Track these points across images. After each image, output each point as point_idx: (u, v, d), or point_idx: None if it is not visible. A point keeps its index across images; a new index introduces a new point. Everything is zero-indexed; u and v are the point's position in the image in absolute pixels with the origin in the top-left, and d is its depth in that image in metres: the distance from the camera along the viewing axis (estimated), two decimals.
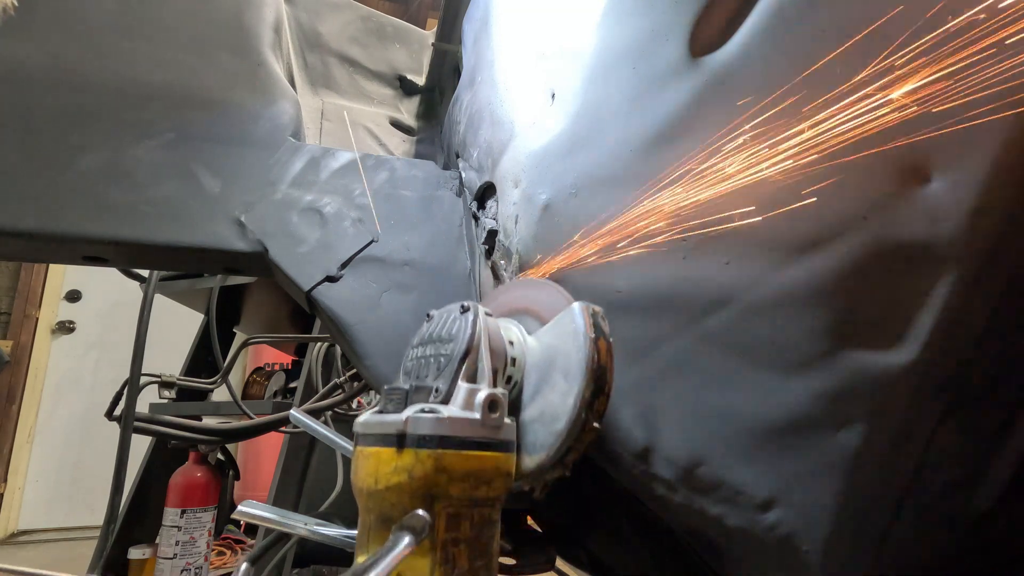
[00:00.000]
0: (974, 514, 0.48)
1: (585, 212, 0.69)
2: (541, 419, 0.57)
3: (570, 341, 0.57)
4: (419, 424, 0.50)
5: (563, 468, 0.56)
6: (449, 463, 0.49)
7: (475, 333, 0.58)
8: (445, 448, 0.49)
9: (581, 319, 0.57)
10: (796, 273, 0.48)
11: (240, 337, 2.51)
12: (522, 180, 0.83)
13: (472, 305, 0.61)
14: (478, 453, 0.51)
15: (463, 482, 0.49)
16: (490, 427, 0.52)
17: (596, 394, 0.55)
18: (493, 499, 0.52)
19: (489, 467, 0.51)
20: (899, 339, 0.43)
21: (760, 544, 0.53)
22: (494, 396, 0.54)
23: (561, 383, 0.57)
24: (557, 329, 0.60)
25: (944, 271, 0.42)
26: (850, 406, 0.46)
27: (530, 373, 0.61)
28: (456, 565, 0.47)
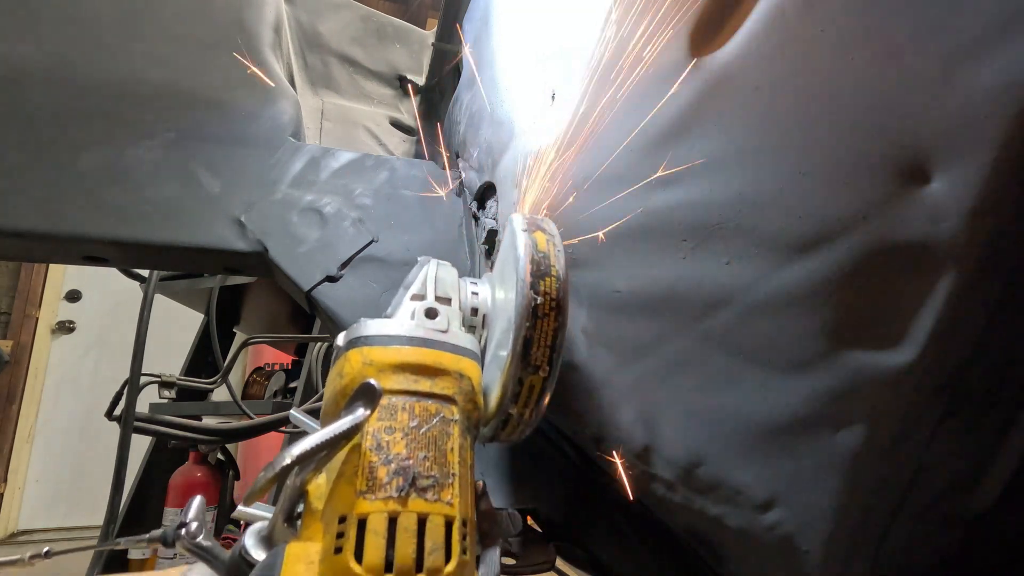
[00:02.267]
0: (974, 514, 0.48)
1: (585, 212, 0.69)
2: (504, 340, 0.55)
3: (510, 246, 0.56)
4: (351, 332, 0.51)
5: (535, 369, 0.53)
6: (377, 356, 0.48)
7: (421, 268, 0.60)
8: (372, 345, 0.49)
9: (518, 220, 0.57)
10: (796, 273, 0.48)
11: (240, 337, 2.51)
12: (522, 180, 0.83)
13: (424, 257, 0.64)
14: (411, 348, 0.50)
15: (397, 374, 0.47)
16: (428, 329, 0.52)
17: (539, 276, 0.53)
18: (442, 396, 0.49)
19: (429, 361, 0.49)
20: (899, 339, 0.43)
21: (760, 544, 0.53)
22: (431, 305, 0.54)
23: (509, 284, 0.56)
24: (502, 248, 0.61)
25: (944, 271, 0.41)
26: (850, 406, 0.46)
27: (497, 311, 0.61)
28: (390, 452, 0.44)
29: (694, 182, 0.56)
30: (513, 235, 0.57)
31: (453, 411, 0.49)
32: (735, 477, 0.53)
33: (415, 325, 0.52)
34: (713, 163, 0.55)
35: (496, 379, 0.55)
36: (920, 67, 0.42)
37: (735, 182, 0.53)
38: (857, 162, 0.45)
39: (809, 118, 0.48)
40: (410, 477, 0.43)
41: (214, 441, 1.71)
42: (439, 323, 0.53)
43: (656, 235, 0.60)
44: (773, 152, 0.50)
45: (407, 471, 0.43)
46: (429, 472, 0.44)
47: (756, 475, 0.52)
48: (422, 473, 0.44)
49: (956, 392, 0.44)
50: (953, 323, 0.42)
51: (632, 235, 0.63)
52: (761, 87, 0.51)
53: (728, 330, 0.53)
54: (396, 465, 0.43)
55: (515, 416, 0.55)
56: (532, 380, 0.54)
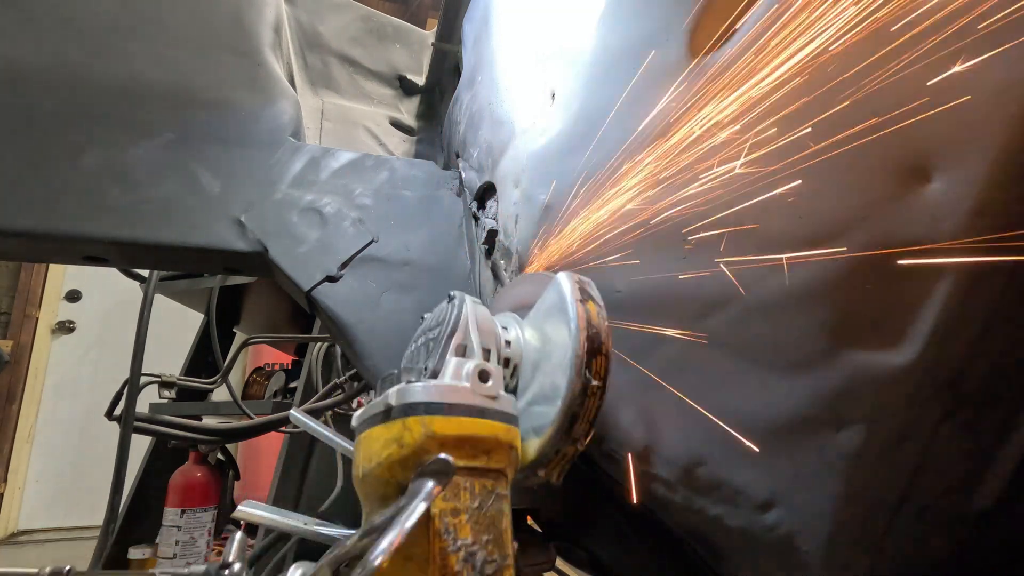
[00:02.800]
0: (974, 514, 0.48)
1: (585, 212, 0.69)
2: (542, 397, 0.55)
3: (557, 311, 0.55)
4: (405, 394, 0.48)
5: (574, 442, 0.53)
6: (439, 428, 0.46)
7: (461, 312, 0.57)
8: (433, 414, 0.47)
9: (567, 287, 0.55)
10: (796, 273, 0.48)
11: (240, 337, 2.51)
12: (522, 180, 0.83)
13: (458, 293, 0.60)
14: (470, 419, 0.48)
15: (457, 449, 0.46)
16: (483, 396, 0.50)
17: (592, 354, 0.52)
18: (496, 471, 0.49)
19: (486, 435, 0.48)
20: (899, 339, 0.43)
21: (760, 544, 0.53)
22: (484, 366, 0.51)
23: (556, 354, 0.55)
24: (545, 305, 0.58)
25: (944, 271, 0.41)
26: (850, 406, 0.46)
27: (528, 357, 0.60)
28: (457, 536, 0.44)
29: (694, 181, 0.57)
30: (563, 302, 0.55)
31: (505, 485, 0.50)
32: (735, 477, 0.53)
33: (471, 391, 0.50)
34: (713, 163, 0.55)
35: (530, 439, 0.55)
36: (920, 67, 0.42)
37: (735, 182, 0.53)
38: (857, 162, 0.45)
39: (809, 118, 0.48)
40: (478, 565, 0.44)
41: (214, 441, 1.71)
42: (491, 388, 0.51)
43: (656, 234, 0.60)
44: (773, 152, 0.50)
45: (474, 557, 0.44)
46: (492, 556, 0.45)
47: (756, 475, 0.52)
48: (487, 558, 0.45)
49: (956, 392, 0.44)
50: (953, 323, 0.42)
51: (631, 235, 0.63)
52: (761, 87, 0.51)
53: (728, 330, 0.53)
54: (464, 552, 0.44)
55: (542, 476, 0.56)
56: (567, 450, 0.54)
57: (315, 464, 1.96)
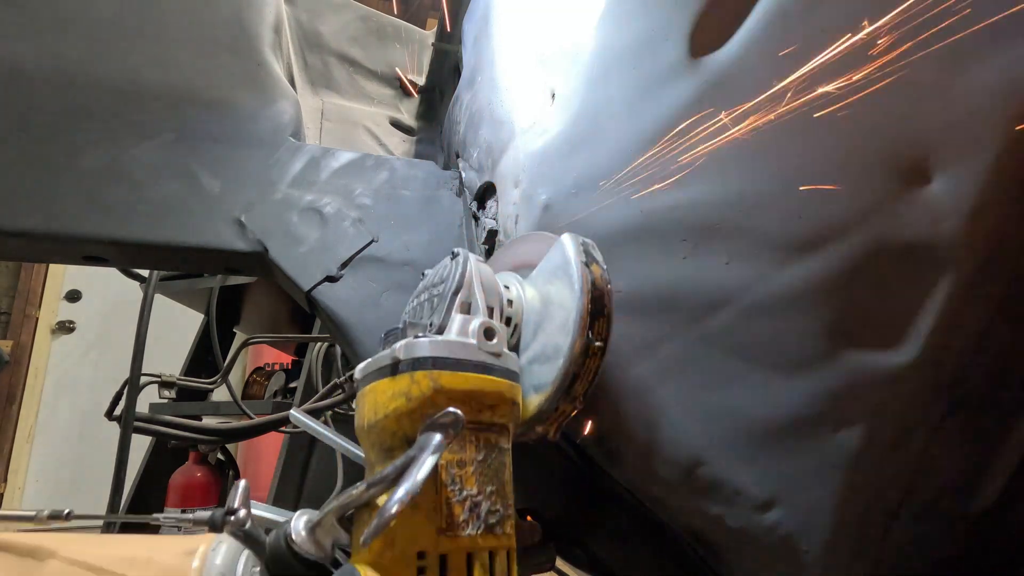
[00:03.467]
0: (974, 514, 0.48)
1: (585, 212, 0.69)
2: (543, 355, 0.56)
3: (561, 272, 0.56)
4: (413, 348, 0.48)
5: (573, 400, 0.54)
6: (447, 382, 0.47)
7: (466, 270, 0.57)
8: (441, 369, 0.47)
9: (571, 247, 0.55)
10: (796, 273, 0.48)
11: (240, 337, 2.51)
12: (522, 180, 0.83)
13: (461, 250, 0.60)
14: (477, 375, 0.49)
15: (464, 404, 0.46)
16: (488, 352, 0.50)
17: (595, 315, 0.53)
18: (499, 426, 0.49)
19: (490, 391, 0.49)
20: (899, 339, 0.43)
21: (760, 544, 0.53)
22: (489, 323, 0.52)
23: (559, 315, 0.55)
24: (548, 265, 0.59)
25: (944, 271, 0.42)
26: (850, 406, 0.46)
27: (529, 316, 0.60)
28: (463, 487, 0.45)
29: (694, 182, 0.56)
30: (566, 263, 0.56)
31: (507, 439, 0.51)
32: (735, 477, 0.53)
33: (476, 347, 0.50)
34: (713, 163, 0.55)
35: (530, 396, 0.56)
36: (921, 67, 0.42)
37: (735, 182, 0.53)
38: (857, 162, 0.45)
39: (809, 118, 0.48)
40: (482, 514, 0.45)
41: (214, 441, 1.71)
42: (496, 345, 0.51)
43: (656, 235, 0.60)
44: (773, 152, 0.50)
45: (479, 508, 0.45)
46: (495, 507, 0.46)
47: (756, 475, 0.52)
48: (490, 509, 0.46)
49: (956, 392, 0.44)
50: (953, 323, 0.42)
51: (632, 235, 0.63)
52: (761, 87, 0.51)
53: (728, 330, 0.53)
54: (470, 502, 0.45)
55: (539, 432, 0.57)
56: (566, 408, 0.55)
57: (315, 464, 1.96)
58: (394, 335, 0.53)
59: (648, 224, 0.61)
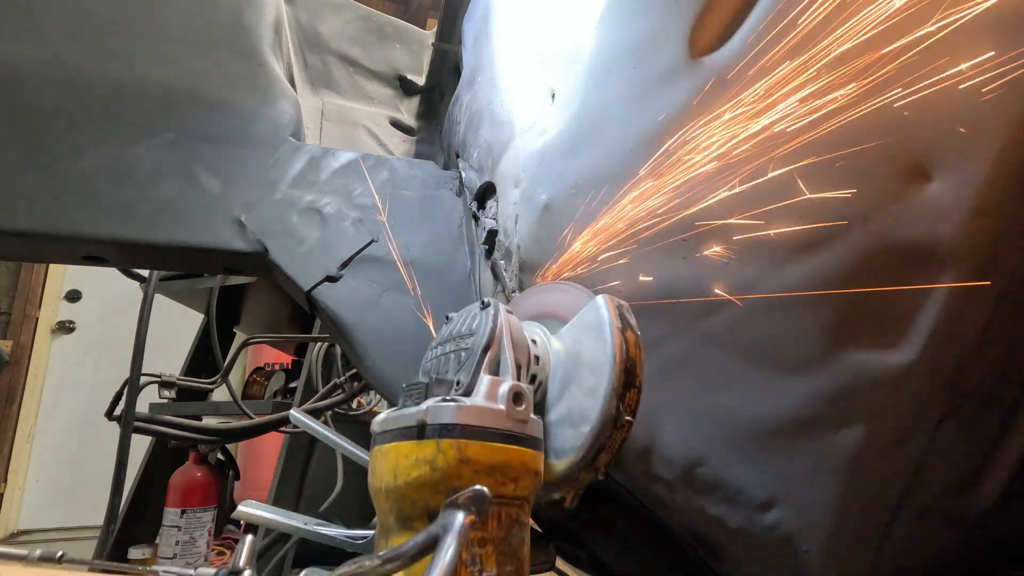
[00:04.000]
0: (974, 514, 0.48)
1: (585, 212, 0.69)
2: (569, 419, 0.54)
3: (594, 335, 0.54)
4: (441, 413, 0.46)
5: (595, 471, 0.53)
6: (473, 453, 0.45)
7: (496, 326, 0.55)
8: (468, 438, 0.46)
9: (606, 311, 0.53)
10: (796, 273, 0.48)
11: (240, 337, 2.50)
12: (522, 180, 0.83)
13: (492, 301, 0.58)
14: (504, 446, 0.47)
15: (489, 476, 0.45)
16: (516, 420, 0.49)
17: (627, 387, 0.51)
18: (521, 498, 0.48)
19: (516, 462, 0.47)
20: (899, 339, 0.43)
21: (760, 544, 0.53)
22: (519, 388, 0.50)
23: (588, 379, 0.53)
24: (581, 324, 0.56)
25: (944, 271, 0.41)
26: (850, 406, 0.46)
27: (555, 373, 0.58)
28: (483, 568, 0.43)
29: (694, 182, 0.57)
30: (601, 327, 0.54)
31: (527, 513, 0.49)
32: (735, 477, 0.53)
33: (505, 414, 0.48)
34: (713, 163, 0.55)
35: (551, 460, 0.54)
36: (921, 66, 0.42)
37: (735, 182, 0.53)
38: (857, 162, 0.45)
39: (809, 118, 0.48)
40: None
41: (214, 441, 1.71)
42: (524, 412, 0.50)
43: (656, 235, 0.60)
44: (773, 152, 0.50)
45: None
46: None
47: (756, 475, 0.52)
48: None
49: (956, 392, 0.44)
50: (953, 323, 0.42)
51: (632, 235, 0.63)
52: (761, 87, 0.51)
53: (728, 330, 0.53)
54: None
55: (555, 497, 0.56)
56: (587, 477, 0.53)
57: (315, 464, 1.96)
58: (417, 390, 0.51)
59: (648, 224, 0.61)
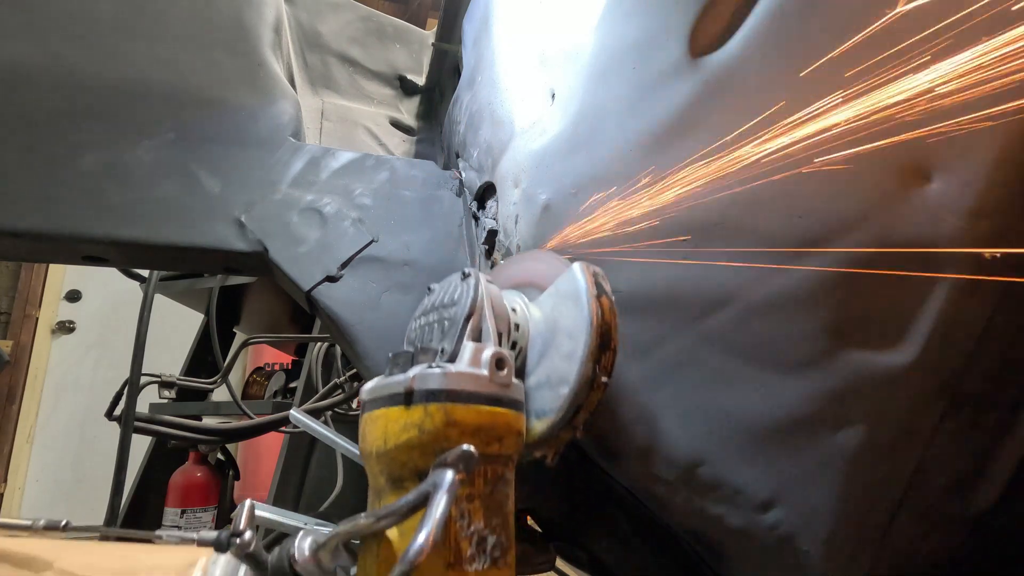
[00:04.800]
0: (974, 514, 0.48)
1: (585, 212, 0.69)
2: (548, 383, 0.57)
3: (571, 301, 0.56)
4: (427, 379, 0.49)
5: (574, 430, 0.55)
6: (460, 416, 0.48)
7: (477, 295, 0.57)
8: (454, 402, 0.48)
9: (582, 278, 0.56)
10: (796, 273, 0.48)
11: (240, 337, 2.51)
12: (522, 180, 0.83)
13: (472, 271, 0.60)
14: (488, 408, 0.49)
15: (474, 437, 0.48)
16: (499, 384, 0.51)
17: (602, 349, 0.54)
18: (505, 457, 0.51)
19: (500, 423, 0.50)
20: (899, 339, 0.43)
21: (760, 544, 0.53)
22: (500, 353, 0.52)
23: (565, 343, 0.56)
24: (558, 292, 0.59)
25: (944, 271, 0.41)
26: (850, 406, 0.46)
27: (534, 340, 0.61)
28: (471, 521, 0.46)
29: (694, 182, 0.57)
30: (577, 294, 0.56)
31: (511, 470, 0.51)
32: (735, 477, 0.54)
33: (488, 378, 0.51)
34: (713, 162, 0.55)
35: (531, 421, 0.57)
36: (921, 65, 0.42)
37: (736, 183, 0.53)
38: (857, 162, 0.45)
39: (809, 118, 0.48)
40: (488, 548, 0.46)
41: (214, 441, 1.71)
42: (506, 376, 0.52)
43: (656, 235, 0.60)
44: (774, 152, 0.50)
45: (485, 542, 0.46)
46: (499, 539, 0.47)
47: (756, 475, 0.52)
48: (496, 543, 0.47)
49: (956, 392, 0.44)
50: (953, 323, 0.42)
51: (632, 235, 0.63)
52: (761, 87, 0.51)
53: (728, 330, 0.53)
54: (477, 536, 0.46)
55: (537, 456, 0.58)
56: (566, 435, 0.56)
57: (315, 464, 1.96)
58: (403, 358, 0.53)
59: (648, 223, 0.61)
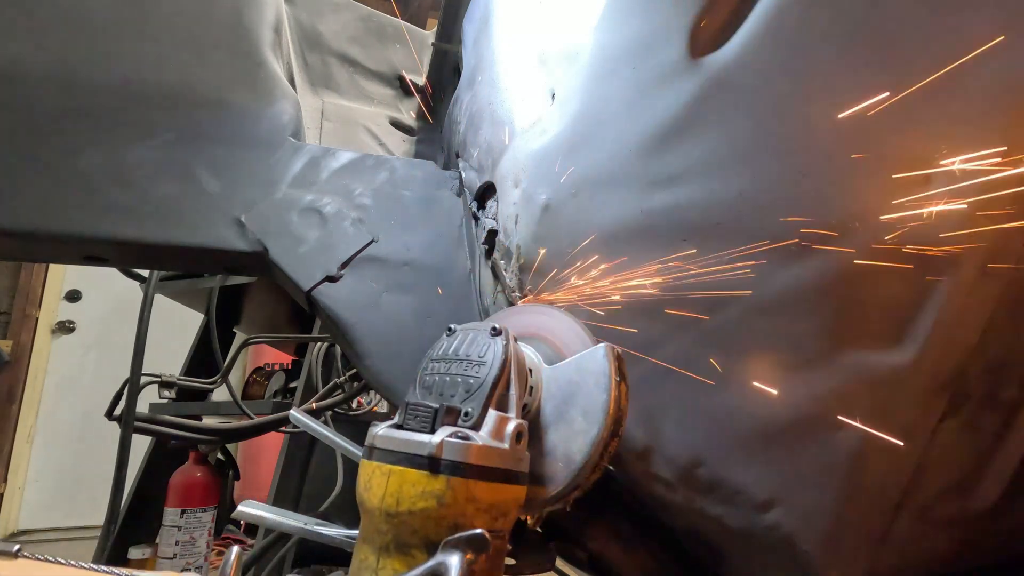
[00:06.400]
0: (974, 514, 0.48)
1: (585, 212, 0.69)
2: (554, 454, 0.57)
3: (592, 382, 0.57)
4: (455, 450, 0.49)
5: (565, 503, 0.57)
6: (480, 494, 0.49)
7: (507, 359, 0.57)
8: (478, 479, 0.49)
9: (606, 362, 0.56)
10: (796, 273, 0.48)
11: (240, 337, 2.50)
12: (522, 180, 0.83)
13: (504, 329, 0.59)
14: (505, 485, 0.50)
15: (487, 513, 0.49)
16: (515, 459, 0.52)
17: (612, 436, 0.55)
18: (505, 532, 0.52)
19: (509, 499, 0.51)
20: (899, 339, 0.43)
21: (760, 544, 0.53)
22: (522, 427, 0.53)
23: (579, 422, 0.56)
24: (580, 366, 0.59)
25: (944, 271, 0.42)
26: (850, 406, 0.46)
27: (546, 404, 0.61)
28: None
29: (694, 182, 0.56)
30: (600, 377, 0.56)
31: (505, 542, 0.53)
32: (735, 477, 0.54)
33: (509, 453, 0.51)
34: (713, 163, 0.55)
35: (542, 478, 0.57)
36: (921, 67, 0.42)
37: (735, 182, 0.53)
38: (857, 162, 0.45)
39: (809, 118, 0.48)
40: None
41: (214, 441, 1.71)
42: (521, 448, 0.53)
43: (656, 235, 0.60)
44: (774, 153, 0.50)
45: None
46: None
47: (756, 475, 0.52)
48: None
49: (956, 392, 0.44)
50: (953, 323, 0.42)
51: (632, 235, 0.63)
52: (761, 87, 0.51)
53: (728, 330, 0.53)
54: None
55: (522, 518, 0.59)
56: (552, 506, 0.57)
57: (315, 464, 1.96)
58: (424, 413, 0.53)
59: (648, 224, 0.61)
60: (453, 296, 0.93)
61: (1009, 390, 0.46)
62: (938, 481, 0.47)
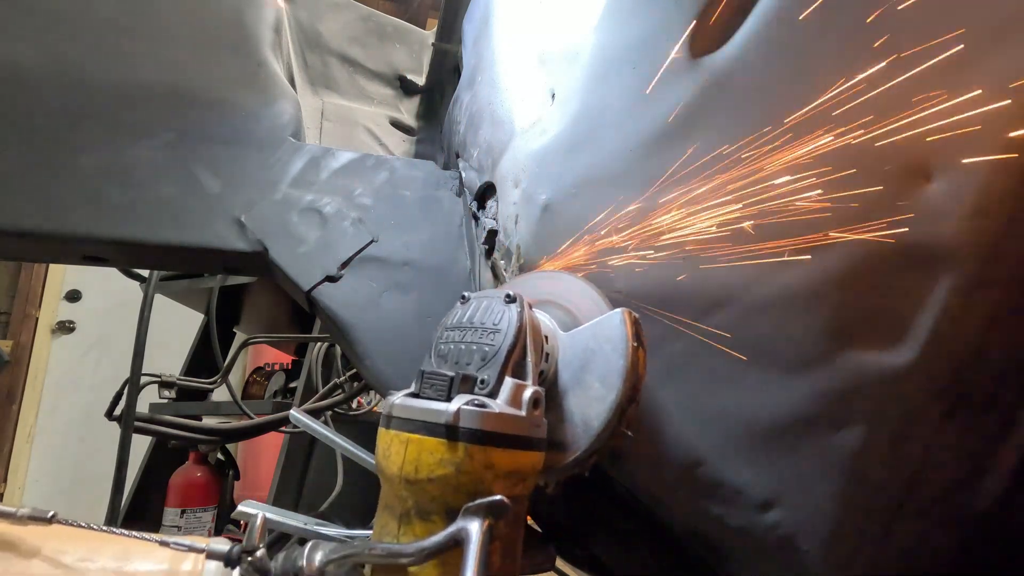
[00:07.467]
0: (974, 514, 0.48)
1: (585, 212, 0.69)
2: (572, 420, 0.57)
3: (609, 347, 0.56)
4: (472, 418, 0.49)
5: (583, 468, 0.56)
6: (498, 460, 0.48)
7: (522, 326, 0.56)
8: (495, 445, 0.48)
9: (623, 327, 0.56)
10: (796, 273, 0.48)
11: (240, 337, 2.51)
12: (522, 180, 0.83)
13: (518, 296, 0.59)
14: (522, 452, 0.50)
15: (506, 479, 0.49)
16: (533, 425, 0.52)
17: (630, 401, 0.54)
18: (525, 496, 0.51)
19: (527, 465, 0.51)
20: (899, 339, 0.43)
21: (760, 544, 0.53)
22: (539, 394, 0.53)
23: (597, 387, 0.56)
24: (596, 332, 0.59)
25: (944, 271, 0.42)
26: (850, 406, 0.46)
27: (562, 370, 0.60)
28: (490, 563, 0.45)
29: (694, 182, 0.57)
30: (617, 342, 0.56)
31: (526, 508, 0.53)
32: (735, 477, 0.54)
33: (526, 420, 0.51)
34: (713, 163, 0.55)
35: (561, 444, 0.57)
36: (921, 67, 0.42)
37: (735, 182, 0.53)
38: (858, 162, 0.45)
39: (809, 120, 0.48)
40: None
41: (214, 441, 1.71)
42: (539, 416, 0.53)
43: (658, 235, 0.60)
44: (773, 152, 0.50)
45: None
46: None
47: (756, 475, 0.52)
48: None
49: (956, 392, 0.44)
50: (953, 323, 0.42)
51: (632, 236, 0.63)
52: (761, 87, 0.51)
53: (728, 330, 0.53)
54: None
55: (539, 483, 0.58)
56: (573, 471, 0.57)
57: (315, 464, 1.96)
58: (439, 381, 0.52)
59: (648, 224, 0.61)
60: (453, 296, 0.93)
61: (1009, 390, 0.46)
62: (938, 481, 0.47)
